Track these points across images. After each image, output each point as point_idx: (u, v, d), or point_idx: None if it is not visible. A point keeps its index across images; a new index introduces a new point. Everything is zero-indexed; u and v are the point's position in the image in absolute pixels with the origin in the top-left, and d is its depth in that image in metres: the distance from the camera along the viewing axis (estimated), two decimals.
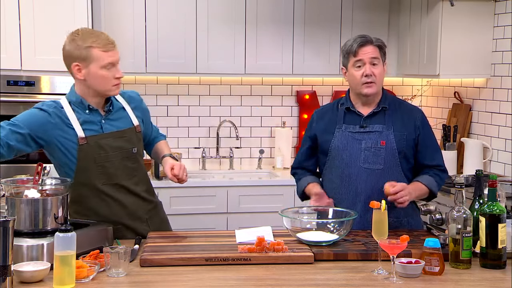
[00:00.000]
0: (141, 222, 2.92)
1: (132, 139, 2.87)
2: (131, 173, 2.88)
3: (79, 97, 2.80)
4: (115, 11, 4.59)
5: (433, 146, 3.00)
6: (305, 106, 5.22)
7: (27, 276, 2.18)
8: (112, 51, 2.77)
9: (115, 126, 2.84)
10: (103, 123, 2.82)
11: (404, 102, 3.11)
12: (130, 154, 2.86)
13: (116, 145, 2.82)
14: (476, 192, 2.60)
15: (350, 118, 2.98)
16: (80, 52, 2.74)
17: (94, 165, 2.78)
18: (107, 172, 2.81)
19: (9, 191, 2.44)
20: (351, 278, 2.30)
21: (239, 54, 4.80)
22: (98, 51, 2.73)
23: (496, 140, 4.44)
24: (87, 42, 2.74)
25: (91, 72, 2.74)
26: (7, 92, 4.16)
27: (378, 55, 2.91)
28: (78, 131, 2.75)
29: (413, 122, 2.95)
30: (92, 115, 2.80)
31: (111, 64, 2.75)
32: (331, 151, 2.97)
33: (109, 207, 2.84)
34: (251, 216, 4.50)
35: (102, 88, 2.77)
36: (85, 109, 2.79)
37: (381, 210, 2.43)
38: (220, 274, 2.31)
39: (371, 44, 2.91)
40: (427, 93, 5.27)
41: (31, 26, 4.17)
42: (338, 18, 4.93)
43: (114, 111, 2.87)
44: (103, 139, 2.79)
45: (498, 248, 2.40)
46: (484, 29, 4.45)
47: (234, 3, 4.77)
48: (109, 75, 2.75)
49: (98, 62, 2.73)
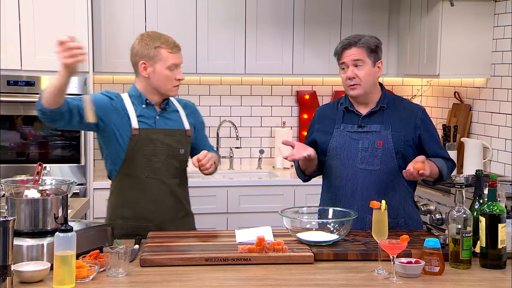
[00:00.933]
0: (171, 225, 2.95)
1: (181, 140, 2.98)
2: (175, 173, 2.98)
3: (139, 92, 2.96)
4: (115, 11, 4.59)
5: (437, 143, 2.99)
6: (305, 106, 5.22)
7: (27, 276, 2.18)
8: (177, 54, 2.95)
9: (168, 125, 2.97)
10: (157, 119, 2.96)
11: (404, 100, 3.09)
12: (176, 154, 2.97)
13: (166, 142, 2.93)
14: (476, 192, 2.60)
15: (348, 117, 2.97)
16: (149, 51, 2.92)
17: (142, 156, 2.90)
18: (153, 166, 2.91)
19: (9, 191, 2.44)
20: (351, 278, 2.30)
21: (239, 54, 4.81)
22: (165, 52, 2.92)
23: (496, 140, 4.44)
24: (156, 42, 2.93)
25: (156, 71, 2.92)
26: (7, 92, 4.16)
27: (362, 57, 2.88)
28: (133, 121, 2.90)
29: (413, 121, 2.93)
30: (148, 110, 2.95)
31: (175, 65, 2.93)
32: (329, 151, 2.97)
33: (147, 202, 2.91)
34: (251, 216, 4.50)
35: (163, 87, 2.93)
36: (142, 103, 2.95)
37: (381, 210, 2.43)
38: (220, 274, 2.31)
39: (355, 46, 2.89)
40: (427, 93, 5.27)
41: (31, 26, 4.17)
42: (338, 18, 4.93)
43: (169, 111, 3.01)
44: (155, 133, 2.92)
45: (498, 248, 2.40)
46: (484, 29, 4.45)
47: (234, 3, 4.77)
48: (171, 75, 2.93)
49: (164, 62, 2.91)
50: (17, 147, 4.27)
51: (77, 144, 4.30)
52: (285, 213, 2.75)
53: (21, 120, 4.27)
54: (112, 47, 4.58)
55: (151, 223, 2.92)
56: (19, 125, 4.27)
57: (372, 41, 2.92)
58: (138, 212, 2.92)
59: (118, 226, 2.89)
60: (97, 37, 4.54)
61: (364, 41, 2.90)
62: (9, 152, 4.25)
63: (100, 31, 4.54)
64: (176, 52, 2.94)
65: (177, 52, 2.95)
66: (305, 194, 4.48)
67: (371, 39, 2.93)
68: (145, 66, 2.93)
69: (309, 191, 4.37)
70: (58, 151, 4.33)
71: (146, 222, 2.91)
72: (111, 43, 4.58)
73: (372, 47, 2.90)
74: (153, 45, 2.92)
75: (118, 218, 2.95)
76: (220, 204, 4.51)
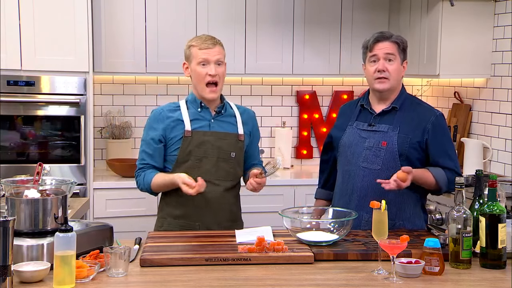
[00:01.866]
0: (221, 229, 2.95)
1: (233, 144, 3.00)
2: (226, 176, 3.00)
3: (194, 97, 3.03)
4: (115, 11, 4.58)
5: (445, 152, 2.91)
6: (305, 106, 5.22)
7: (27, 276, 2.18)
8: (208, 49, 2.95)
9: (222, 128, 3.00)
10: (212, 122, 3.00)
11: (422, 103, 3.04)
12: (228, 157, 2.99)
13: (217, 145, 2.96)
14: (476, 192, 2.60)
15: (363, 115, 3.00)
16: (186, 51, 3.03)
17: (193, 158, 2.94)
18: (203, 168, 2.94)
19: (9, 191, 2.44)
20: (351, 278, 2.30)
21: (239, 54, 4.80)
22: (195, 49, 2.97)
23: (496, 140, 4.44)
24: (190, 42, 3.02)
25: (192, 69, 2.99)
26: (7, 92, 4.16)
27: (394, 52, 2.89)
28: (186, 125, 2.96)
29: (423, 125, 2.89)
30: (203, 113, 3.00)
31: (205, 60, 2.94)
32: (339, 147, 3.01)
33: (196, 202, 2.94)
34: (251, 216, 4.49)
35: (198, 87, 2.97)
36: (198, 107, 3.00)
37: (381, 210, 2.43)
38: (220, 274, 2.31)
39: (388, 40, 2.90)
40: (427, 93, 5.27)
41: (31, 26, 4.17)
42: (338, 18, 4.93)
43: (225, 114, 3.03)
44: (206, 136, 2.96)
45: (498, 248, 2.40)
46: (484, 29, 4.45)
47: (234, 3, 4.77)
48: (202, 71, 2.95)
49: (195, 59, 2.96)
50: (17, 147, 4.26)
51: (77, 144, 4.30)
52: (285, 213, 2.75)
53: (21, 120, 4.27)
54: (112, 47, 4.58)
55: (198, 223, 2.96)
56: (19, 125, 4.27)
57: (404, 39, 2.97)
58: (187, 211, 2.97)
59: (169, 224, 2.99)
60: (97, 37, 4.53)
61: (397, 37, 2.93)
62: (9, 152, 4.25)
63: (100, 31, 4.54)
64: (206, 48, 2.94)
65: (207, 48, 2.95)
66: (305, 194, 4.47)
67: (403, 38, 2.97)
68: (187, 67, 3.02)
69: (309, 191, 4.36)
70: (58, 151, 4.33)
71: (194, 221, 2.96)
72: (111, 43, 4.58)
73: (403, 45, 2.93)
74: (188, 44, 3.01)
75: (168, 216, 3.02)
76: None
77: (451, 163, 2.91)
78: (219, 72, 2.95)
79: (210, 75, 2.93)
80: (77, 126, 4.29)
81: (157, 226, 3.06)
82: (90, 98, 4.30)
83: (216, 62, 2.95)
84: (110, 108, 4.92)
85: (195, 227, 2.96)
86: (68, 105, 4.27)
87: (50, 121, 4.30)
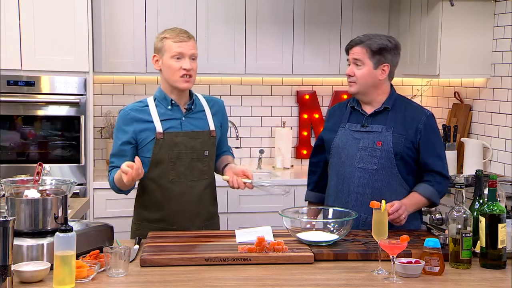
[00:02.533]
0: (198, 229, 2.95)
1: (206, 142, 2.96)
2: (200, 175, 2.96)
3: (164, 93, 2.94)
4: (115, 11, 4.58)
5: (435, 152, 2.93)
6: (305, 106, 5.22)
7: (27, 276, 2.18)
8: (182, 42, 2.87)
9: (194, 125, 2.95)
10: (183, 120, 2.93)
11: (412, 103, 3.06)
12: (201, 156, 2.95)
13: (190, 145, 2.91)
14: (476, 192, 2.60)
15: (354, 117, 3.00)
16: (157, 44, 2.92)
17: (167, 160, 2.88)
18: (177, 169, 2.90)
19: (9, 191, 2.44)
20: (351, 278, 2.30)
21: (239, 54, 4.81)
22: (169, 42, 2.87)
23: (496, 140, 4.44)
24: (163, 34, 2.92)
25: (164, 63, 2.89)
26: (7, 92, 4.16)
27: (362, 57, 2.90)
28: (157, 126, 2.88)
29: (416, 125, 2.92)
30: (173, 111, 2.92)
31: (180, 54, 2.86)
32: (332, 149, 3.01)
33: (172, 205, 2.92)
34: (251, 216, 4.50)
35: (171, 79, 2.89)
36: (168, 104, 2.92)
37: (381, 210, 2.43)
38: (220, 274, 2.31)
39: (358, 45, 2.93)
40: (427, 93, 5.27)
41: (31, 26, 4.17)
42: (338, 18, 4.93)
43: (195, 111, 2.97)
44: (179, 137, 2.90)
45: (498, 248, 2.40)
46: (484, 29, 4.45)
47: (234, 3, 4.77)
48: (176, 65, 2.86)
49: (169, 52, 2.87)
50: (17, 147, 4.27)
51: (77, 144, 4.30)
52: (285, 213, 2.75)
53: (21, 120, 4.27)
54: (112, 47, 4.58)
55: (175, 226, 2.93)
56: (19, 125, 4.27)
57: (379, 42, 2.91)
58: (163, 215, 2.93)
59: (145, 227, 2.94)
60: (97, 37, 4.53)
61: (369, 43, 2.91)
62: (9, 152, 4.25)
63: (100, 31, 4.54)
64: (181, 41, 2.86)
65: (182, 41, 2.86)
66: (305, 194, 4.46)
67: (379, 40, 2.92)
68: (157, 59, 2.92)
69: None
70: (58, 151, 4.33)
71: (171, 224, 2.93)
72: (111, 43, 4.58)
73: (374, 48, 2.90)
74: (160, 36, 2.92)
75: (144, 220, 2.98)
76: (220, 204, 4.47)
77: (440, 164, 2.94)
78: (193, 66, 2.89)
79: (185, 69, 2.86)
80: (77, 126, 4.29)
81: (133, 230, 3.02)
82: (90, 98, 4.30)
83: (191, 56, 2.88)
84: (110, 108, 4.92)
85: (173, 230, 2.91)
86: (68, 105, 4.27)
87: (50, 121, 4.30)
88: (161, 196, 2.92)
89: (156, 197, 2.93)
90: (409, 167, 2.93)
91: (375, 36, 2.94)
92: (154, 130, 2.88)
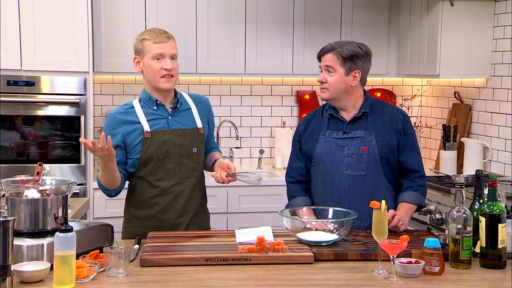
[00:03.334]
0: (183, 225, 2.97)
1: (194, 139, 2.96)
2: (189, 172, 2.97)
3: (148, 94, 2.95)
4: (115, 11, 4.58)
5: (414, 149, 3.00)
6: (305, 106, 5.22)
7: (27, 276, 2.18)
8: (162, 43, 2.88)
9: (181, 123, 2.95)
10: (170, 119, 2.94)
11: (387, 105, 3.10)
12: (190, 153, 2.95)
13: (178, 143, 2.92)
14: (476, 192, 2.60)
15: (333, 124, 3.01)
16: (137, 45, 2.94)
17: (155, 158, 2.89)
18: (166, 167, 2.91)
19: (9, 191, 2.44)
20: (351, 278, 2.30)
21: (239, 54, 4.81)
22: (149, 43, 2.89)
23: (496, 140, 4.44)
24: (142, 35, 2.94)
25: (145, 64, 2.91)
26: (7, 92, 4.16)
27: (333, 64, 2.92)
28: (144, 126, 2.89)
29: (395, 126, 2.96)
30: (159, 111, 2.93)
31: (160, 55, 2.87)
32: (315, 158, 3.00)
33: (162, 202, 2.93)
34: (251, 216, 4.50)
35: (152, 80, 2.90)
36: (153, 105, 2.93)
37: (381, 210, 2.43)
38: (220, 274, 2.31)
39: (329, 52, 2.94)
40: (427, 93, 5.27)
41: (31, 26, 4.17)
42: (338, 18, 4.93)
43: (181, 109, 2.98)
44: (167, 135, 2.91)
45: (498, 248, 2.40)
46: (484, 29, 4.45)
47: (234, 3, 4.77)
48: (157, 66, 2.88)
49: (149, 53, 2.88)
50: (17, 147, 4.27)
51: (77, 144, 4.30)
52: (285, 213, 2.75)
53: (21, 120, 4.27)
54: (112, 47, 4.58)
55: (164, 223, 2.94)
56: (19, 125, 4.27)
57: (349, 49, 2.92)
58: (152, 212, 2.94)
59: (134, 225, 2.96)
60: (97, 37, 4.53)
61: (340, 50, 2.92)
62: (9, 152, 4.25)
63: (100, 31, 4.54)
64: (161, 42, 2.87)
65: (162, 42, 2.87)
66: None
67: (350, 47, 2.92)
68: (138, 61, 2.94)
69: None
70: (58, 151, 4.33)
71: (160, 221, 2.94)
72: (111, 43, 4.58)
73: (345, 55, 2.91)
74: (140, 38, 2.93)
75: (133, 218, 2.99)
76: (220, 204, 4.51)
77: (418, 159, 3.02)
78: (174, 66, 2.90)
79: (166, 69, 2.87)
80: (77, 126, 4.29)
81: (123, 228, 3.03)
82: (90, 98, 4.31)
83: (171, 56, 2.90)
84: (110, 108, 4.91)
85: (162, 228, 2.93)
86: (68, 105, 4.27)
87: (50, 121, 4.30)
88: (150, 193, 2.93)
89: (145, 195, 2.94)
90: (392, 169, 2.97)
91: (346, 43, 2.96)
92: (142, 130, 2.89)
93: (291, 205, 3.04)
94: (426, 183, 3.04)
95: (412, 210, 2.95)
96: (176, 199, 2.94)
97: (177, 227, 2.95)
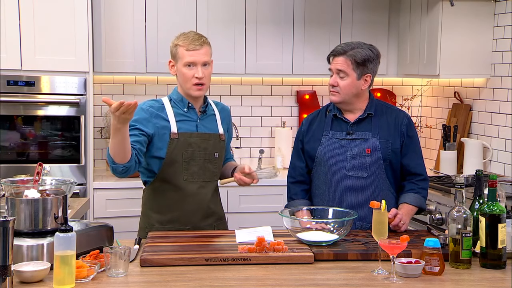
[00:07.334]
0: (211, 228, 2.99)
1: (216, 144, 2.99)
2: (211, 177, 3.00)
3: (181, 96, 2.97)
4: (115, 11, 4.58)
5: (417, 153, 3.01)
6: (305, 106, 5.22)
7: (27, 276, 2.18)
8: (194, 51, 2.89)
9: (207, 128, 2.98)
10: (198, 122, 2.97)
11: (391, 107, 3.09)
12: (212, 157, 2.98)
13: (203, 146, 2.94)
14: (476, 192, 2.60)
15: (337, 124, 3.00)
16: (172, 49, 2.96)
17: (181, 160, 2.91)
18: (191, 170, 2.92)
19: (9, 191, 2.44)
20: (351, 278, 2.31)
21: (239, 54, 4.80)
22: (182, 50, 2.90)
23: (496, 140, 4.44)
24: (176, 40, 2.95)
25: (178, 70, 2.94)
26: (7, 92, 4.16)
27: (346, 69, 2.89)
28: (172, 126, 2.90)
29: (399, 128, 2.97)
30: (189, 113, 2.96)
31: (192, 63, 2.89)
32: (317, 158, 3.00)
33: (184, 206, 2.93)
34: (251, 216, 4.50)
35: (184, 86, 2.92)
36: (185, 106, 2.96)
37: (381, 210, 2.43)
38: (220, 274, 2.31)
39: (342, 55, 2.91)
40: (427, 93, 5.27)
41: (31, 26, 4.17)
42: (338, 18, 4.93)
43: (208, 114, 3.01)
44: (193, 137, 2.93)
45: (498, 248, 2.40)
46: (484, 29, 4.45)
47: (234, 4, 4.77)
48: (189, 73, 2.89)
49: (182, 60, 2.90)
50: (17, 147, 4.26)
51: (77, 144, 4.30)
52: (285, 213, 2.75)
53: (21, 120, 4.27)
54: (112, 47, 4.58)
55: (189, 226, 2.94)
56: (19, 125, 4.27)
57: (363, 54, 2.90)
58: (175, 216, 2.94)
59: (156, 229, 2.94)
60: (97, 37, 4.53)
61: (353, 53, 2.89)
62: (9, 152, 4.24)
63: (100, 31, 4.54)
64: (192, 49, 2.88)
65: (194, 49, 2.88)
66: None
67: (362, 51, 2.90)
68: (172, 65, 2.97)
69: None
70: (58, 151, 4.33)
71: (185, 224, 2.94)
72: (111, 43, 4.58)
73: (358, 60, 2.89)
74: (174, 42, 2.95)
75: (155, 222, 2.98)
76: None
77: (421, 163, 3.02)
78: (206, 74, 2.91)
79: (197, 78, 2.88)
80: (77, 126, 4.29)
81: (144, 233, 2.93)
82: (90, 98, 4.30)
83: (203, 63, 2.90)
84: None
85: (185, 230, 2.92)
86: (68, 105, 4.27)
87: (50, 121, 4.30)
88: (175, 196, 2.93)
89: (170, 198, 2.94)
90: (394, 172, 2.98)
91: (358, 45, 2.92)
92: (169, 129, 2.90)
93: (290, 207, 3.03)
94: (428, 187, 3.03)
95: (412, 212, 2.96)
96: (201, 202, 2.95)
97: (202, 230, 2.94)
